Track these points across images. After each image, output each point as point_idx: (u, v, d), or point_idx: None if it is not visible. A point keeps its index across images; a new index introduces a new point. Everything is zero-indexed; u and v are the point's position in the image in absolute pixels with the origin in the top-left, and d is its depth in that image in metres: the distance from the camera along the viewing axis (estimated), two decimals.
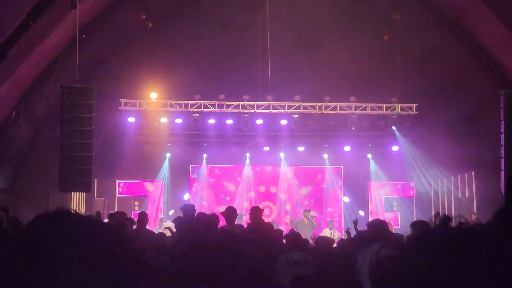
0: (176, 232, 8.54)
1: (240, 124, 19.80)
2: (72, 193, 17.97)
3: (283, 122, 19.93)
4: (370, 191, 21.07)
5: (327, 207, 21.01)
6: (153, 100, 19.31)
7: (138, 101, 19.27)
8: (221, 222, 8.35)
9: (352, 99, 19.61)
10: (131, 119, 19.63)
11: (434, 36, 19.20)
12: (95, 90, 14.91)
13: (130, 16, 18.85)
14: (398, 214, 20.63)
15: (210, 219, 7.50)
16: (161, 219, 18.16)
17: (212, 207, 19.48)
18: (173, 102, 19.40)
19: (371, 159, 20.97)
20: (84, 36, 16.76)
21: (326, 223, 18.97)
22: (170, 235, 9.09)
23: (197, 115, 19.62)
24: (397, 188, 21.04)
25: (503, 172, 14.94)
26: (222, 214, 8.38)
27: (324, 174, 21.15)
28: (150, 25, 19.30)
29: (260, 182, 21.04)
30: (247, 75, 19.19)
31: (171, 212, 19.12)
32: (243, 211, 18.44)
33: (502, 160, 15.00)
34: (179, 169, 20.63)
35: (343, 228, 18.94)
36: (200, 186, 20.89)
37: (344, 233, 14.80)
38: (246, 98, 19.40)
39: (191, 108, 19.46)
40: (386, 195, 20.98)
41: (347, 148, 20.74)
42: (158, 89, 19.30)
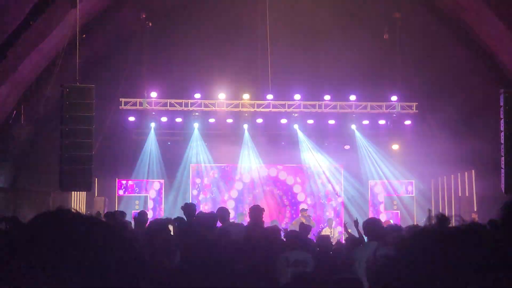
0: (174, 233, 8.52)
1: (240, 123, 19.80)
2: (73, 192, 17.98)
3: (283, 121, 19.94)
4: (370, 190, 21.06)
5: (327, 206, 21.00)
6: (153, 100, 19.31)
7: (138, 100, 19.27)
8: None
9: (352, 98, 19.62)
10: (131, 118, 19.64)
11: (434, 35, 19.19)
12: (95, 90, 14.92)
13: (130, 16, 18.84)
14: (398, 213, 20.63)
15: (208, 219, 7.50)
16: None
17: (213, 206, 19.46)
18: (173, 101, 19.40)
19: (371, 158, 20.95)
20: (84, 36, 16.74)
21: (321, 221, 18.97)
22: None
23: (197, 114, 19.63)
24: (397, 187, 21.03)
25: (503, 170, 14.94)
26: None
27: (324, 173, 21.13)
28: (150, 24, 19.30)
29: (260, 181, 21.02)
30: (247, 74, 19.18)
31: (171, 212, 19.09)
32: (245, 210, 18.42)
33: (502, 158, 14.99)
34: (179, 168, 20.62)
35: (343, 227, 18.92)
36: (201, 185, 20.89)
37: (344, 232, 14.82)
38: (246, 97, 19.41)
39: (191, 107, 19.46)
40: (386, 194, 20.97)
41: (347, 147, 20.75)
42: (158, 88, 19.31)
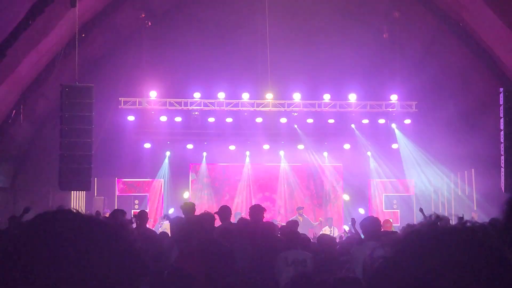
0: (170, 233, 8.54)
1: (239, 122, 19.81)
2: (72, 192, 17.98)
3: (283, 120, 19.95)
4: (370, 189, 21.08)
5: (327, 205, 21.01)
6: (152, 99, 19.32)
7: (138, 99, 19.28)
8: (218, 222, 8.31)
9: (352, 97, 19.63)
10: (131, 118, 19.65)
11: (433, 34, 19.19)
12: (95, 89, 14.91)
13: (129, 15, 18.84)
14: (398, 212, 20.65)
15: (205, 219, 7.47)
16: (161, 217, 18.15)
17: (212, 206, 19.47)
18: (172, 100, 19.41)
19: (371, 157, 20.97)
20: (83, 35, 16.74)
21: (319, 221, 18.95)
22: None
23: (196, 113, 19.63)
24: (397, 186, 21.04)
25: (503, 169, 14.93)
26: (216, 213, 8.30)
27: (324, 172, 21.14)
28: (149, 24, 19.30)
29: (260, 180, 21.04)
30: (246, 73, 19.19)
31: (171, 211, 19.11)
32: (243, 210, 18.43)
33: (502, 157, 14.99)
34: (178, 167, 20.63)
35: (343, 227, 18.93)
36: (200, 185, 20.90)
37: (344, 232, 14.83)
38: (245, 97, 19.41)
39: (190, 106, 19.46)
40: (386, 193, 20.99)
41: (346, 146, 20.76)
42: (158, 87, 19.32)
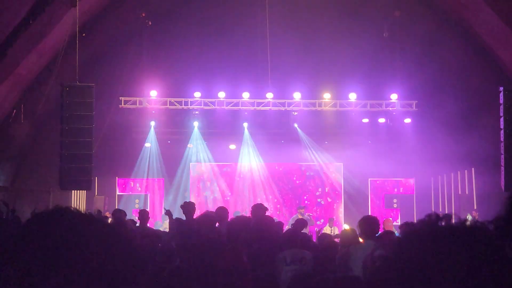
0: (169, 231, 8.57)
1: (240, 121, 19.80)
2: (73, 191, 17.99)
3: (283, 120, 19.92)
4: (370, 188, 21.06)
5: (327, 204, 21.00)
6: (153, 98, 19.31)
7: (138, 99, 19.27)
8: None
9: (352, 96, 19.62)
10: (131, 117, 19.62)
11: (433, 33, 19.18)
12: (95, 88, 14.92)
13: (129, 14, 18.83)
14: (398, 211, 20.64)
15: (208, 218, 7.46)
16: (163, 214, 18.13)
17: (213, 205, 19.46)
18: (173, 99, 19.40)
19: (371, 156, 20.92)
20: (84, 35, 16.74)
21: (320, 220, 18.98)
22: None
23: (197, 112, 19.62)
24: (397, 185, 21.03)
25: (502, 168, 14.93)
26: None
27: (324, 171, 21.13)
28: (150, 23, 19.29)
29: (260, 179, 21.02)
30: (247, 72, 19.18)
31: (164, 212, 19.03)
32: (244, 209, 18.43)
33: (502, 156, 14.99)
34: (179, 166, 20.62)
35: (343, 226, 18.92)
36: (201, 184, 20.89)
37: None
38: (246, 96, 19.40)
39: (191, 105, 19.45)
40: (386, 192, 20.97)
41: (346, 145, 20.71)
42: (158, 87, 19.30)
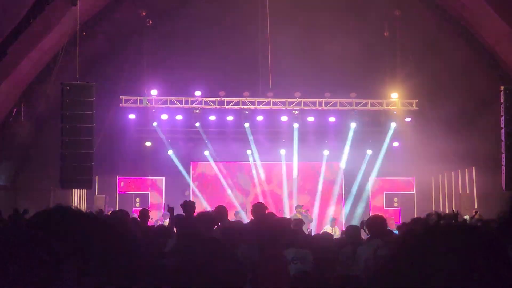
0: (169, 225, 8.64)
1: (240, 120, 19.81)
2: (73, 190, 18.01)
3: (284, 119, 19.94)
4: (370, 187, 21.07)
5: (328, 204, 21.00)
6: (153, 97, 19.32)
7: (139, 98, 19.28)
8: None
9: (352, 95, 19.62)
10: (132, 116, 19.64)
11: (434, 32, 19.17)
12: (96, 87, 14.93)
13: (130, 13, 18.82)
14: (399, 210, 20.65)
15: (208, 217, 7.44)
16: (164, 213, 18.12)
17: (212, 204, 19.46)
18: (173, 99, 19.41)
19: (372, 155, 20.94)
20: (84, 33, 16.75)
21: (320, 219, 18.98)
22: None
23: (197, 111, 19.63)
24: (398, 184, 21.03)
25: (503, 167, 14.94)
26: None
27: (325, 170, 21.13)
28: (150, 22, 19.28)
29: (260, 178, 21.02)
30: (247, 71, 19.17)
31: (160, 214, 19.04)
32: (245, 208, 18.41)
33: (503, 155, 14.99)
34: (180, 165, 20.63)
35: (344, 226, 18.94)
36: (201, 183, 20.90)
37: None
38: (246, 95, 19.41)
39: (191, 104, 19.46)
40: (387, 191, 20.98)
41: (347, 144, 20.72)
42: (159, 86, 19.31)
